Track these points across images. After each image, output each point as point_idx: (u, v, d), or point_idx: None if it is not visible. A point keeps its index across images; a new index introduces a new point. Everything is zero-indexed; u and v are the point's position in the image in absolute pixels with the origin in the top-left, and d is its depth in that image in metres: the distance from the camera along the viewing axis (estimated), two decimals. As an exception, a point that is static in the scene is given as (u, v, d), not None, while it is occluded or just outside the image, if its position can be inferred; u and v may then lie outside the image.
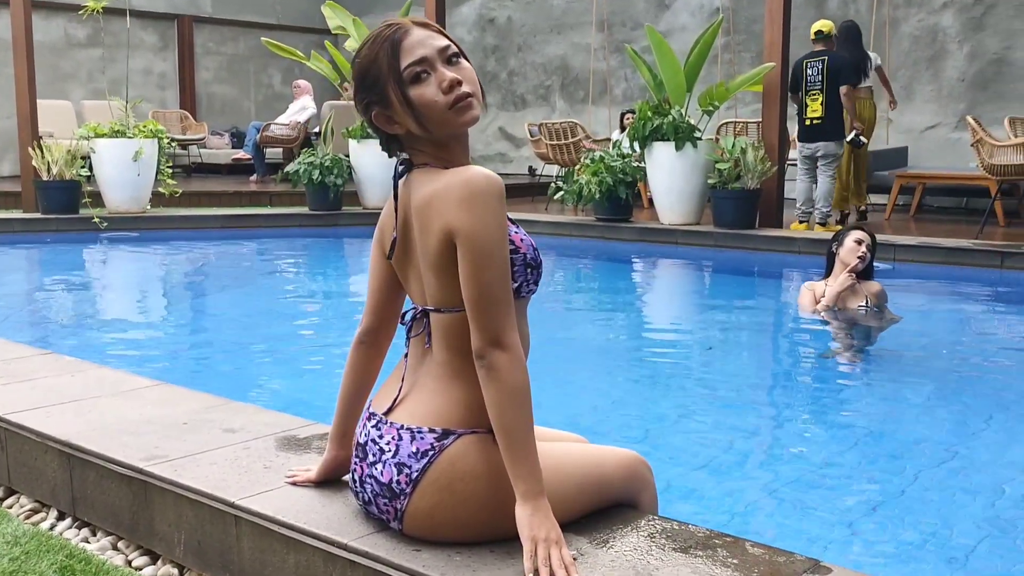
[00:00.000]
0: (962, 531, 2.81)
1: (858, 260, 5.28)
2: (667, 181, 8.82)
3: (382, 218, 2.01)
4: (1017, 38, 11.15)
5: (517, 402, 1.76)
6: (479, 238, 1.75)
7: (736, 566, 1.82)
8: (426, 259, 1.85)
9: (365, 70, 1.86)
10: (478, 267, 1.76)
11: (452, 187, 1.78)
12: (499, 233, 1.77)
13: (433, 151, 1.88)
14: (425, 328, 1.92)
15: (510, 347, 1.76)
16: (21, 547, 2.26)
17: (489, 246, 1.75)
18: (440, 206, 1.78)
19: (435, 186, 1.82)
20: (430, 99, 1.81)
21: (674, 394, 4.44)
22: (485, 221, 1.75)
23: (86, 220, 9.07)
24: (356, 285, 7.96)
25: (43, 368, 3.29)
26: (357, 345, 2.12)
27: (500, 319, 1.76)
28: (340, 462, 2.18)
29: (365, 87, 1.87)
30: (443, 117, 1.82)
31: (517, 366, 1.77)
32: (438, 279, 1.85)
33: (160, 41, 15.84)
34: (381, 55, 1.83)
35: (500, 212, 1.78)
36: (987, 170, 8.62)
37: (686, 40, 11.97)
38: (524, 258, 1.89)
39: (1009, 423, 3.97)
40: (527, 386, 1.78)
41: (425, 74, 1.81)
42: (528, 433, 1.77)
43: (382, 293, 2.07)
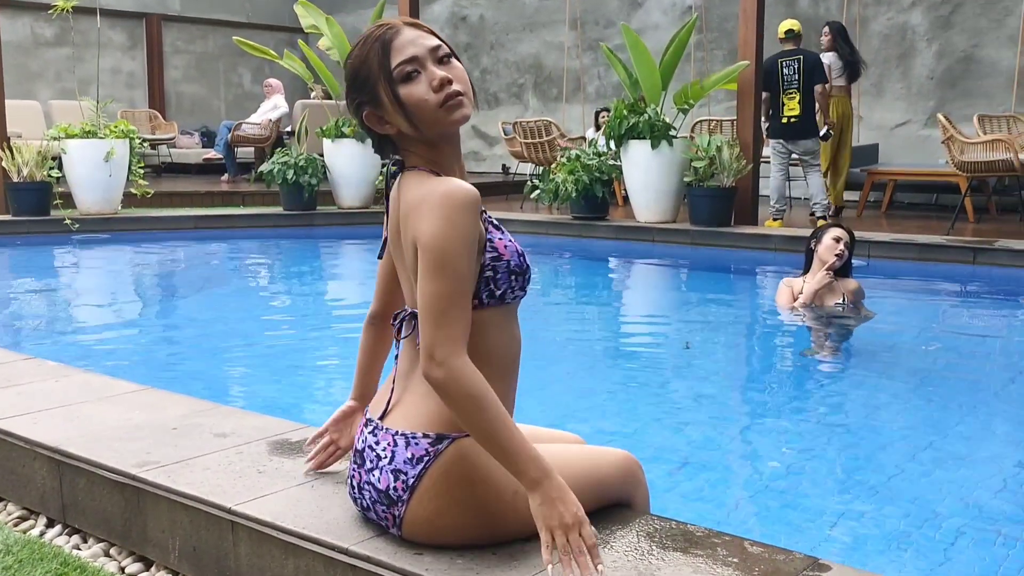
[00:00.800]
0: (946, 522, 2.84)
1: (836, 258, 5.33)
2: (643, 179, 8.85)
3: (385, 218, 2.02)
4: (984, 36, 11.27)
5: (469, 414, 1.73)
6: (436, 247, 1.73)
7: (736, 565, 1.83)
8: (409, 267, 1.85)
9: (356, 70, 1.86)
10: (429, 275, 1.73)
11: (428, 197, 1.77)
12: (456, 246, 1.73)
13: (424, 152, 1.88)
14: (414, 329, 1.92)
15: (442, 362, 1.71)
16: (13, 555, 2.23)
17: (443, 257, 1.72)
18: (414, 216, 1.78)
19: (414, 194, 1.81)
20: (420, 97, 1.80)
21: (653, 392, 4.46)
22: (443, 232, 1.73)
23: (57, 222, 8.97)
24: (335, 286, 7.94)
25: (26, 374, 3.26)
26: (367, 327, 2.21)
27: (437, 332, 1.72)
28: (354, 411, 2.25)
29: (356, 87, 1.86)
30: (434, 116, 1.82)
31: (454, 379, 1.71)
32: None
33: (128, 40, 15.70)
34: (371, 55, 1.83)
35: (462, 225, 1.74)
36: (957, 167, 8.72)
37: (658, 38, 12.02)
38: (508, 265, 1.87)
39: (985, 416, 4.02)
40: (474, 393, 1.71)
41: (416, 73, 1.81)
42: (502, 431, 1.72)
43: (387, 283, 2.14)
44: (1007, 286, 6.80)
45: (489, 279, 1.84)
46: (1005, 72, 11.01)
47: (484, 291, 1.84)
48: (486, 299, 1.85)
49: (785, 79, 8.76)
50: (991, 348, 5.40)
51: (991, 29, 11.22)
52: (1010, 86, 10.80)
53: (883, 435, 3.75)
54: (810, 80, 8.74)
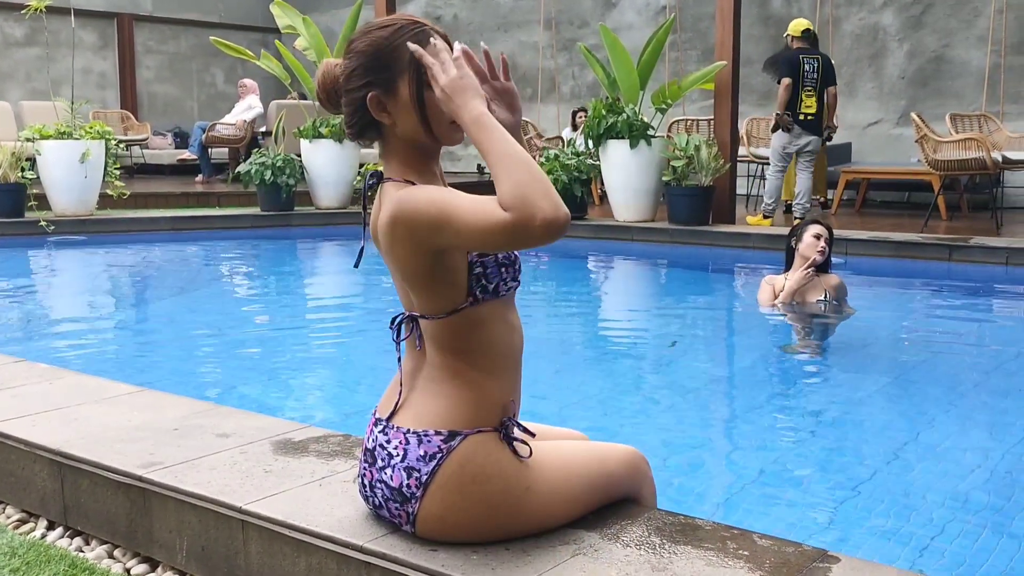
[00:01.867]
0: (933, 514, 2.89)
1: (818, 254, 5.38)
2: (622, 178, 8.90)
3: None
4: (954, 36, 11.41)
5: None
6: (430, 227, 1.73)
7: (747, 557, 1.86)
8: (394, 277, 1.90)
9: (379, 52, 1.82)
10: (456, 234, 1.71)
11: (395, 219, 1.77)
12: (440, 207, 1.71)
13: (408, 158, 1.88)
14: (414, 331, 1.93)
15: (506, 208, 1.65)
16: (20, 558, 2.23)
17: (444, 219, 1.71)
18: (387, 239, 1.82)
19: (384, 216, 1.82)
20: (438, 109, 1.80)
21: (638, 390, 4.49)
22: (420, 219, 1.73)
23: (32, 224, 8.89)
24: (315, 286, 7.92)
25: (18, 376, 3.24)
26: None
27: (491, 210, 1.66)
28: None
29: (373, 68, 1.83)
30: (439, 129, 1.84)
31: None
32: (412, 292, 1.88)
33: (99, 40, 15.57)
34: (405, 47, 1.80)
35: (421, 199, 1.74)
36: (931, 165, 8.82)
37: (632, 38, 12.08)
38: (496, 259, 1.87)
39: (967, 409, 4.08)
40: None
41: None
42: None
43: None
44: (982, 282, 6.90)
45: (480, 275, 1.85)
46: (975, 72, 11.16)
47: (476, 287, 1.85)
48: (480, 295, 1.86)
49: (806, 76, 8.73)
50: (969, 343, 5.48)
51: (961, 29, 11.36)
52: (980, 85, 10.94)
53: (867, 429, 3.80)
54: (826, 82, 8.81)
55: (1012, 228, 8.66)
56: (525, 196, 1.62)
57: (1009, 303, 6.64)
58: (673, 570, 1.81)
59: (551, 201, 1.62)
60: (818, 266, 5.43)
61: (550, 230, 1.62)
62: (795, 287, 5.42)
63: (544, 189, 1.63)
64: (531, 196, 1.62)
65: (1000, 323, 6.05)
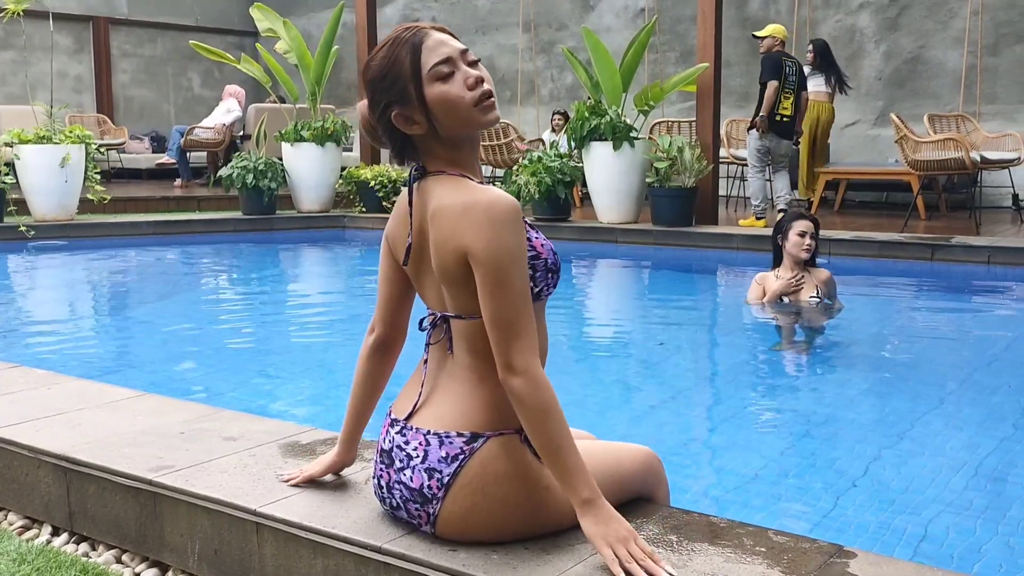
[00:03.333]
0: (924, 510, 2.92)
1: (805, 252, 5.42)
2: (605, 180, 8.93)
3: (392, 225, 2.01)
4: (930, 37, 11.52)
5: (543, 423, 1.78)
6: (495, 263, 1.76)
7: (764, 554, 1.88)
8: (441, 271, 1.86)
9: (385, 70, 1.85)
10: (492, 292, 1.77)
11: (473, 208, 1.78)
12: (516, 259, 1.78)
13: (447, 154, 1.90)
14: (446, 333, 1.94)
15: (524, 371, 1.77)
16: (29, 564, 2.21)
17: (504, 272, 1.76)
18: (456, 224, 1.79)
19: (451, 200, 1.82)
20: (456, 96, 1.82)
21: (628, 390, 4.51)
22: (501, 247, 1.76)
23: (12, 229, 8.81)
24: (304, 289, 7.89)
25: (16, 382, 3.22)
26: (371, 354, 2.12)
27: (512, 343, 1.77)
28: (344, 463, 2.24)
29: (385, 87, 1.86)
30: (468, 114, 1.84)
31: (533, 389, 1.77)
32: (454, 290, 1.87)
33: (75, 43, 15.47)
34: (403, 55, 1.83)
35: (517, 239, 1.78)
36: (911, 165, 8.91)
37: (611, 40, 12.11)
38: (545, 263, 1.91)
39: (955, 407, 4.13)
40: (549, 406, 1.78)
41: (451, 73, 1.83)
42: (564, 448, 1.79)
43: (394, 300, 2.08)
44: (964, 281, 6.97)
45: (529, 277, 1.86)
46: (951, 73, 11.27)
47: None
48: None
49: (787, 80, 8.79)
50: (956, 341, 5.53)
51: (937, 31, 11.47)
52: (956, 86, 11.06)
53: (858, 426, 3.83)
54: (800, 86, 8.89)
55: (991, 227, 8.76)
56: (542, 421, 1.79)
57: (993, 301, 6.72)
58: (693, 567, 1.82)
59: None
60: (807, 260, 5.47)
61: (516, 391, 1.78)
62: (779, 291, 5.46)
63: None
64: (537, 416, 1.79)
65: (985, 321, 6.11)
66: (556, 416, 1.79)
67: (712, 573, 1.80)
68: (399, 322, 2.11)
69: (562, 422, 1.80)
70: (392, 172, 10.36)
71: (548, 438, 1.78)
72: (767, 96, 8.73)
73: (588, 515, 1.80)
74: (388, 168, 10.44)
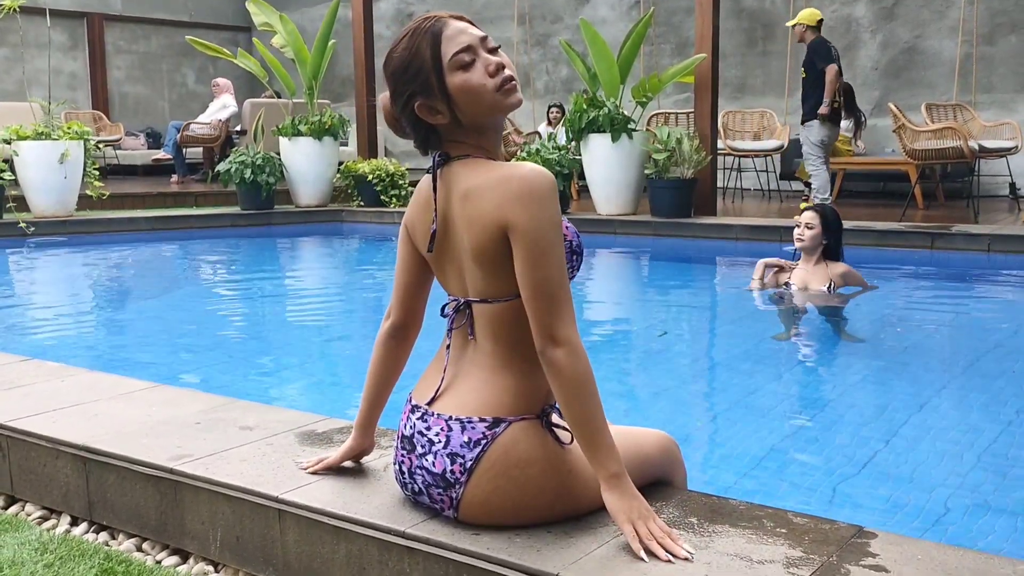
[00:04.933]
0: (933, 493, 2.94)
1: (798, 240, 5.49)
2: (604, 172, 8.95)
3: (412, 213, 2.02)
4: (926, 27, 11.55)
5: (580, 394, 1.80)
6: (537, 235, 1.78)
7: (786, 535, 1.90)
8: (473, 251, 1.86)
9: (406, 63, 1.86)
10: (535, 264, 1.79)
11: (509, 181, 1.80)
12: (556, 230, 1.80)
13: (474, 140, 1.91)
14: (468, 319, 1.95)
15: (566, 341, 1.79)
16: (52, 553, 2.23)
17: (546, 243, 1.79)
18: (497, 199, 1.81)
19: (485, 178, 1.84)
20: (478, 83, 1.83)
21: (632, 380, 4.53)
22: (543, 218, 1.78)
23: (11, 225, 8.80)
24: (300, 284, 7.90)
25: (29, 374, 3.23)
26: (386, 340, 2.13)
27: (555, 314, 1.79)
28: (363, 449, 2.25)
29: (407, 79, 1.87)
30: (492, 100, 1.85)
31: (574, 360, 1.80)
32: (484, 270, 1.88)
33: (70, 40, 15.44)
34: (424, 46, 1.84)
35: (555, 209, 1.81)
36: (909, 155, 8.93)
37: (606, 33, 12.10)
38: (570, 245, 1.93)
39: (960, 392, 4.16)
40: (588, 377, 1.81)
41: (471, 60, 1.84)
42: (597, 421, 1.81)
43: (412, 287, 2.09)
44: (965, 269, 7.00)
45: None
46: (947, 62, 11.30)
47: None
48: None
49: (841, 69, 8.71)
50: (957, 328, 5.57)
51: (933, 20, 11.50)
52: (952, 76, 11.08)
53: (864, 412, 3.86)
54: (840, 71, 8.77)
55: (989, 216, 8.79)
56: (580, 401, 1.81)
57: (994, 288, 6.75)
58: (715, 548, 1.84)
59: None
60: (825, 254, 5.52)
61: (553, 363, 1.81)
62: (761, 266, 5.54)
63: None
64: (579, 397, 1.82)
65: (986, 308, 6.14)
66: (593, 388, 1.82)
67: (735, 553, 1.82)
68: (415, 309, 2.12)
69: (597, 395, 1.82)
70: (390, 166, 10.37)
71: (584, 410, 1.81)
72: (830, 81, 8.48)
73: (615, 490, 1.82)
74: (386, 162, 10.45)
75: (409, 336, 2.15)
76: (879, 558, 1.80)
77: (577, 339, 1.81)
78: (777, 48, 12.42)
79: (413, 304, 2.11)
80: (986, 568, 1.76)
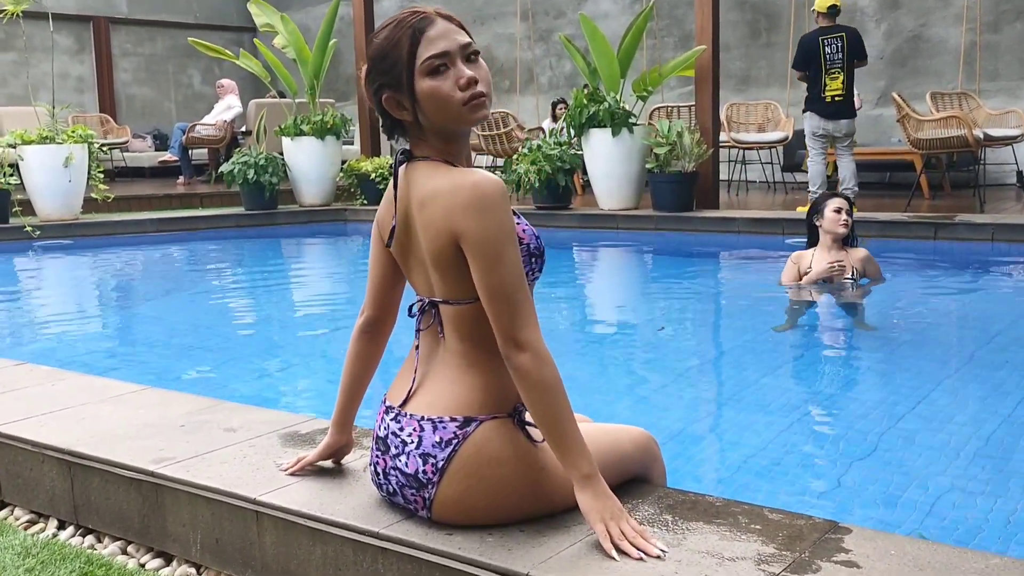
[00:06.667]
0: (931, 483, 2.93)
1: (843, 228, 5.47)
2: (605, 167, 8.93)
3: (381, 209, 2.02)
4: (931, 15, 11.49)
5: (547, 397, 1.80)
6: (488, 242, 1.78)
7: (760, 531, 1.89)
8: (431, 256, 1.87)
9: (384, 52, 1.85)
10: (488, 270, 1.79)
11: (458, 191, 1.79)
12: (507, 236, 1.79)
13: (438, 144, 1.90)
14: (435, 319, 1.95)
15: (528, 344, 1.79)
16: (34, 557, 2.24)
17: (498, 249, 1.78)
18: (446, 208, 1.80)
19: (438, 185, 1.83)
20: (446, 93, 1.82)
21: (630, 375, 4.53)
22: (493, 226, 1.78)
23: (17, 229, 8.85)
24: (304, 282, 7.92)
25: (22, 378, 3.25)
26: (359, 335, 2.14)
27: (515, 318, 1.79)
28: (340, 446, 2.25)
29: (381, 69, 1.86)
30: (456, 112, 1.84)
31: (539, 363, 1.79)
32: (443, 274, 1.88)
33: (76, 43, 15.50)
34: (404, 40, 1.83)
35: (506, 216, 1.80)
36: (913, 144, 8.88)
37: (608, 27, 12.10)
38: (528, 248, 1.92)
39: (959, 383, 4.14)
40: (554, 379, 1.81)
41: (444, 68, 1.82)
42: (566, 422, 1.81)
43: (384, 283, 2.10)
44: (968, 259, 6.97)
45: None
46: (952, 50, 11.24)
47: None
48: None
49: (828, 58, 8.53)
50: (958, 318, 5.55)
51: (938, 8, 11.44)
52: (958, 64, 11.02)
53: (864, 404, 3.85)
54: (852, 58, 8.57)
55: (995, 205, 8.75)
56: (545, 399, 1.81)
57: (996, 279, 6.72)
58: (688, 545, 1.84)
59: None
60: (844, 239, 5.52)
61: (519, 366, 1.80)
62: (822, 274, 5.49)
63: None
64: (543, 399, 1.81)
65: (989, 299, 6.11)
66: (559, 391, 1.81)
67: (707, 551, 1.81)
68: (388, 304, 2.12)
69: (565, 397, 1.82)
70: (393, 164, 10.35)
71: (551, 413, 1.80)
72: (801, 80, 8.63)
73: (587, 489, 1.82)
74: (389, 160, 10.45)
75: (383, 331, 2.15)
76: (852, 554, 1.79)
77: (540, 342, 1.81)
78: (780, 39, 12.37)
79: (385, 300, 2.12)
80: (959, 562, 1.75)
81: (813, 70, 8.63)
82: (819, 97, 8.62)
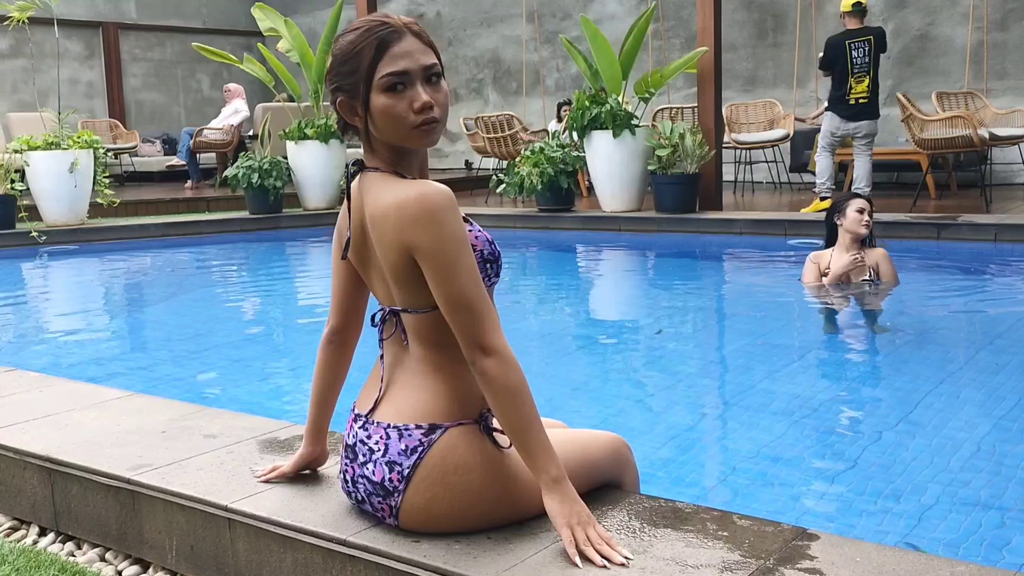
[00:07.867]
0: (924, 489, 2.91)
1: (864, 228, 5.47)
2: (607, 169, 8.92)
3: (339, 219, 2.03)
4: (938, 14, 11.44)
5: (514, 402, 1.80)
6: (440, 253, 1.77)
7: (727, 538, 1.89)
8: (388, 269, 1.88)
9: (346, 57, 1.84)
10: (445, 280, 1.78)
11: (405, 205, 1.78)
12: (459, 244, 1.79)
13: (388, 155, 1.89)
14: (397, 326, 1.95)
15: (494, 350, 1.79)
16: (10, 564, 2.25)
17: (451, 258, 1.78)
18: (395, 223, 1.80)
19: (386, 200, 1.82)
20: (399, 113, 1.81)
21: (627, 378, 4.51)
22: (443, 236, 1.77)
23: (24, 235, 8.89)
24: (306, 286, 7.94)
25: (8, 385, 3.26)
26: (326, 345, 2.15)
27: (477, 325, 1.79)
28: (315, 457, 2.26)
29: (341, 72, 1.85)
30: (406, 134, 1.84)
31: (506, 368, 1.79)
32: (401, 286, 1.88)
33: (86, 49, 15.58)
34: (366, 50, 1.81)
35: (456, 224, 1.79)
36: (918, 144, 8.85)
37: (615, 28, 12.10)
38: (481, 255, 1.91)
39: (956, 387, 4.11)
40: (521, 384, 1.81)
41: (401, 87, 1.81)
42: (533, 427, 1.81)
43: (346, 292, 2.10)
44: (971, 260, 6.93)
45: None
46: (959, 50, 11.19)
47: None
48: None
49: (855, 63, 8.52)
50: (958, 321, 5.51)
51: (945, 7, 11.39)
52: (965, 63, 10.97)
53: (859, 407, 3.83)
54: (878, 59, 8.60)
55: (1001, 205, 8.70)
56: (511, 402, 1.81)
57: (998, 280, 6.67)
58: (653, 553, 1.83)
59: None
60: (862, 239, 5.51)
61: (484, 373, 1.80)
62: (845, 270, 5.48)
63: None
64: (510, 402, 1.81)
65: (990, 300, 6.07)
66: (526, 395, 1.81)
67: (672, 558, 1.81)
68: (352, 313, 2.13)
69: (531, 401, 1.82)
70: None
71: (518, 418, 1.80)
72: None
73: (555, 494, 1.82)
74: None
75: (349, 340, 2.15)
76: (817, 561, 1.79)
77: (506, 347, 1.81)
78: (787, 40, 12.34)
79: (349, 309, 2.12)
80: (924, 570, 1.74)
81: (839, 73, 8.62)
82: (843, 99, 8.62)
